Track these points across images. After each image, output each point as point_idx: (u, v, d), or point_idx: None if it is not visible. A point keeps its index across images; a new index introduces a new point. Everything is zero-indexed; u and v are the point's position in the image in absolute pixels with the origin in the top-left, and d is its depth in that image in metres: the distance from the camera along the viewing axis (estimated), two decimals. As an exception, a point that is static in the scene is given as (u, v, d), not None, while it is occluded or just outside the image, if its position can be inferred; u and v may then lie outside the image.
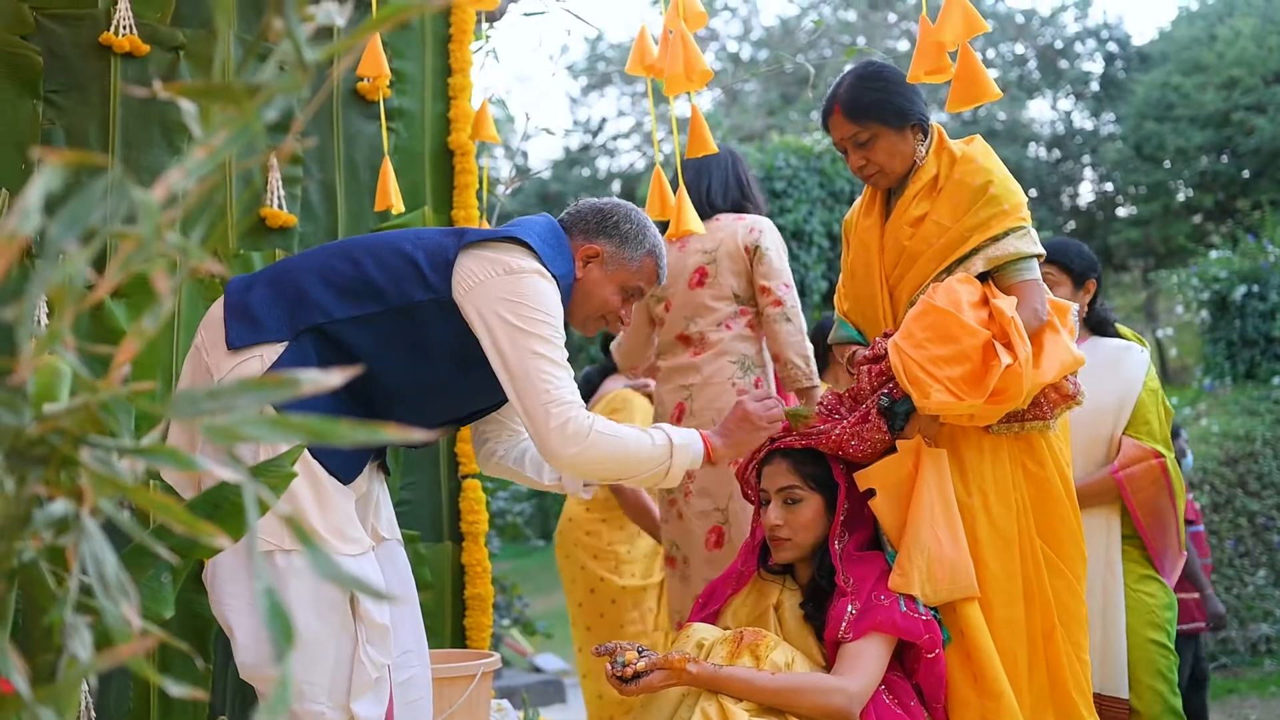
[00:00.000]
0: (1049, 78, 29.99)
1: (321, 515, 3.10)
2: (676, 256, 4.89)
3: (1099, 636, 4.20)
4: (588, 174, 29.98)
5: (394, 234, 3.42)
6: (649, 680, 3.25)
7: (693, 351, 4.83)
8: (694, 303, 4.83)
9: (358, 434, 1.21)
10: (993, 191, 3.68)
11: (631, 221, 3.55)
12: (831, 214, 12.48)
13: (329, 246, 3.49)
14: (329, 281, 3.24)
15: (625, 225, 3.54)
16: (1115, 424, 4.45)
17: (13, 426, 1.23)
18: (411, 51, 4.99)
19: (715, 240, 4.84)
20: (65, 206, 1.15)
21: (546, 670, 10.20)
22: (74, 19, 4.26)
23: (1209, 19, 25.77)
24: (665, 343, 4.95)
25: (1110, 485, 4.36)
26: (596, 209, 3.57)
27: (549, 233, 3.43)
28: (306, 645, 3.04)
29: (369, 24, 1.23)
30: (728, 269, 4.80)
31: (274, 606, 1.15)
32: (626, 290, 3.55)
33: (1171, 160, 24.45)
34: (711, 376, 4.76)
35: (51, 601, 1.38)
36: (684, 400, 4.80)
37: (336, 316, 3.19)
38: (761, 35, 31.41)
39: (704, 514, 4.75)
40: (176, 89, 1.20)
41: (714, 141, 4.28)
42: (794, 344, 4.71)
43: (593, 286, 3.51)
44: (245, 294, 3.27)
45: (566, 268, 3.42)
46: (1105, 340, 4.63)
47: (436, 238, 3.33)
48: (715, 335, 4.79)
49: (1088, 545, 3.91)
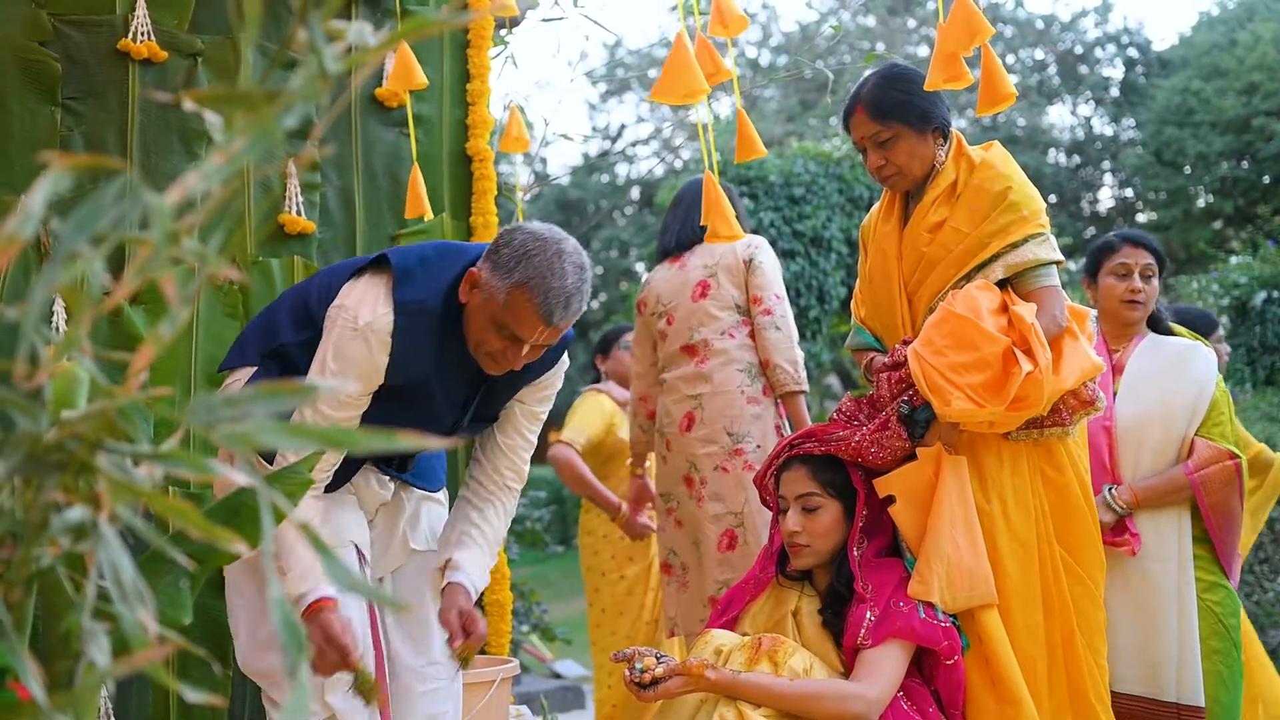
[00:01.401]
0: (1069, 83, 29.92)
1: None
2: (677, 274, 5.03)
3: (1174, 646, 4.18)
4: (606, 180, 29.98)
5: (359, 258, 3.45)
6: (667, 686, 3.25)
7: (698, 360, 4.90)
8: (698, 313, 4.93)
9: (373, 441, 1.21)
10: (1012, 198, 3.67)
11: (512, 247, 3.10)
12: (850, 220, 12.46)
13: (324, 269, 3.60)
14: (291, 305, 3.34)
15: (504, 250, 3.10)
16: (1189, 424, 4.41)
17: (30, 432, 1.23)
18: (430, 58, 4.99)
19: (715, 255, 4.96)
20: (76, 209, 1.15)
21: (566, 676, 10.18)
22: (92, 25, 4.27)
23: (1229, 24, 25.69)
24: (669, 356, 5.03)
25: (1183, 485, 4.32)
26: (501, 233, 3.19)
27: (441, 257, 3.25)
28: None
29: (393, 37, 1.23)
30: (728, 280, 4.93)
31: (287, 616, 1.15)
32: (499, 325, 3.11)
33: (1192, 166, 24.37)
34: (721, 385, 4.83)
35: (69, 608, 1.38)
36: (693, 410, 4.87)
37: (286, 340, 3.27)
38: (781, 41, 31.38)
39: (717, 517, 4.79)
40: (197, 96, 1.20)
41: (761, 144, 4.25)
42: (782, 350, 4.83)
43: (470, 317, 3.18)
44: (253, 319, 3.46)
45: (431, 292, 3.17)
46: (1168, 339, 4.59)
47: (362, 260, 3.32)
48: (720, 344, 4.88)
49: (1160, 547, 3.95)
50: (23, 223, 1.09)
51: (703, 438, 4.82)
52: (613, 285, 25.88)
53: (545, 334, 3.13)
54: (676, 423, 4.91)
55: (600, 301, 26.51)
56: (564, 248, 3.11)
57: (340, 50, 1.16)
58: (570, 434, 6.05)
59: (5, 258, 1.11)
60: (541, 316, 3.07)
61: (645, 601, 6.12)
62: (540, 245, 3.08)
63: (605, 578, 6.18)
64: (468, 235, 5.01)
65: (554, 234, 3.14)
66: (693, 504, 4.84)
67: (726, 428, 4.75)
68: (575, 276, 3.11)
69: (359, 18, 4.64)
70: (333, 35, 1.18)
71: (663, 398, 5.02)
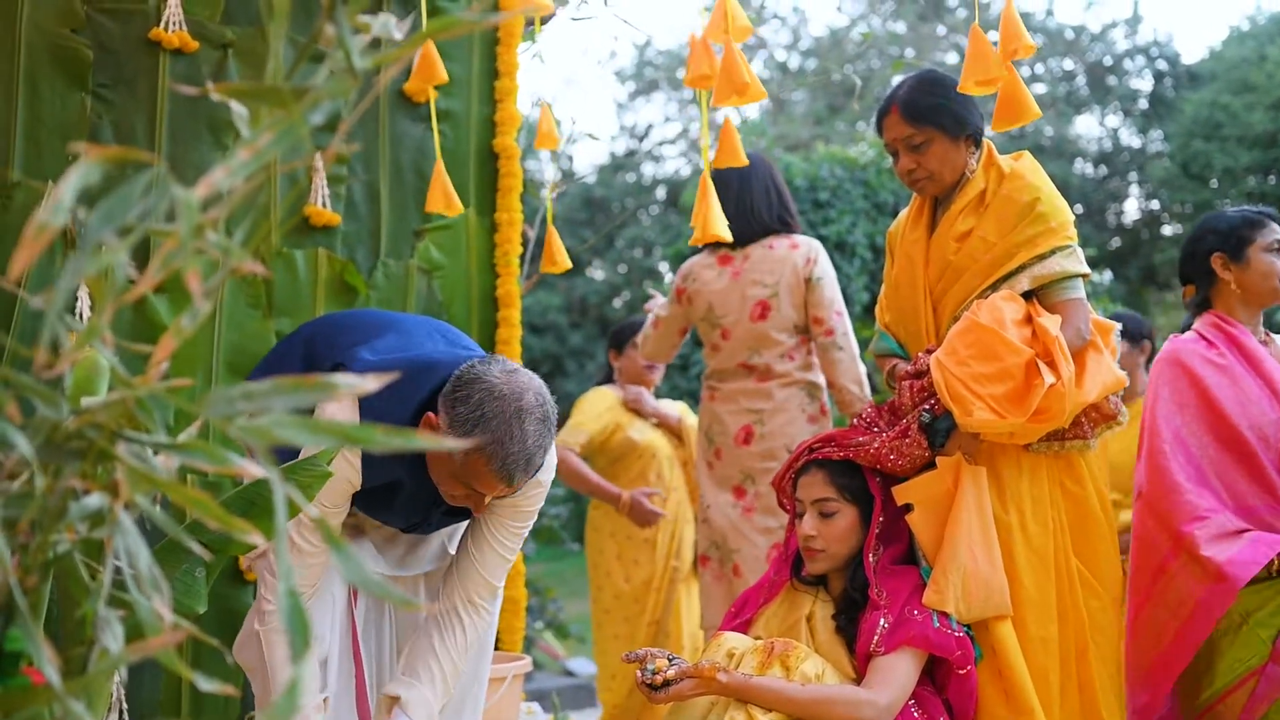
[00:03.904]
0: (1097, 94, 29.83)
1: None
2: (731, 283, 4.97)
3: None
4: (633, 179, 29.96)
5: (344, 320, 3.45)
6: (679, 688, 3.25)
7: (757, 379, 4.92)
8: (757, 334, 4.91)
9: (391, 439, 1.21)
10: (1040, 209, 3.67)
11: (469, 405, 2.96)
12: (875, 226, 12.44)
13: (337, 314, 3.65)
14: (309, 351, 3.33)
15: (460, 408, 2.96)
16: None
17: (50, 419, 1.24)
18: (458, 54, 4.99)
19: (775, 274, 4.91)
20: (104, 200, 1.16)
21: (579, 674, 10.17)
22: (124, 14, 4.28)
23: (1259, 39, 25.58)
24: (725, 368, 5.01)
25: None
26: (458, 376, 3.04)
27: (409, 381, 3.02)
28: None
29: (419, 35, 1.24)
30: (788, 302, 4.90)
31: (294, 607, 1.15)
32: (458, 479, 3.03)
33: (1218, 179, 24.27)
34: (784, 404, 4.86)
35: (85, 594, 1.38)
36: (752, 424, 4.88)
37: None
38: (810, 45, 31.33)
39: (767, 530, 4.83)
40: (225, 89, 1.20)
41: (744, 153, 4.22)
42: (847, 371, 4.83)
43: (430, 461, 3.10)
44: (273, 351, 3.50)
45: (395, 420, 3.03)
46: None
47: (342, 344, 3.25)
48: (781, 366, 4.89)
49: None
50: (53, 212, 1.09)
51: (762, 452, 4.84)
52: (636, 285, 25.85)
53: (508, 491, 3.08)
54: (732, 434, 4.92)
55: (624, 300, 26.48)
56: (524, 404, 2.99)
57: (367, 45, 1.16)
58: (565, 436, 6.01)
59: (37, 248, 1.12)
60: (501, 479, 2.99)
61: (647, 604, 6.09)
62: (498, 405, 2.95)
63: (610, 577, 6.16)
64: (492, 231, 5.00)
65: (514, 388, 3.00)
66: (735, 513, 4.87)
67: (787, 445, 4.76)
68: (536, 434, 3.01)
69: (389, 13, 4.64)
70: (360, 30, 1.18)
71: (714, 404, 5.02)
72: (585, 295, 25.98)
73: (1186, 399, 3.76)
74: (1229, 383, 3.74)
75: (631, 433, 6.10)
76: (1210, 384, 3.74)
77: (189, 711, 4.11)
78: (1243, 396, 3.72)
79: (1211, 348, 3.82)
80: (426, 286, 4.76)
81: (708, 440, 5.03)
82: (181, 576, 2.04)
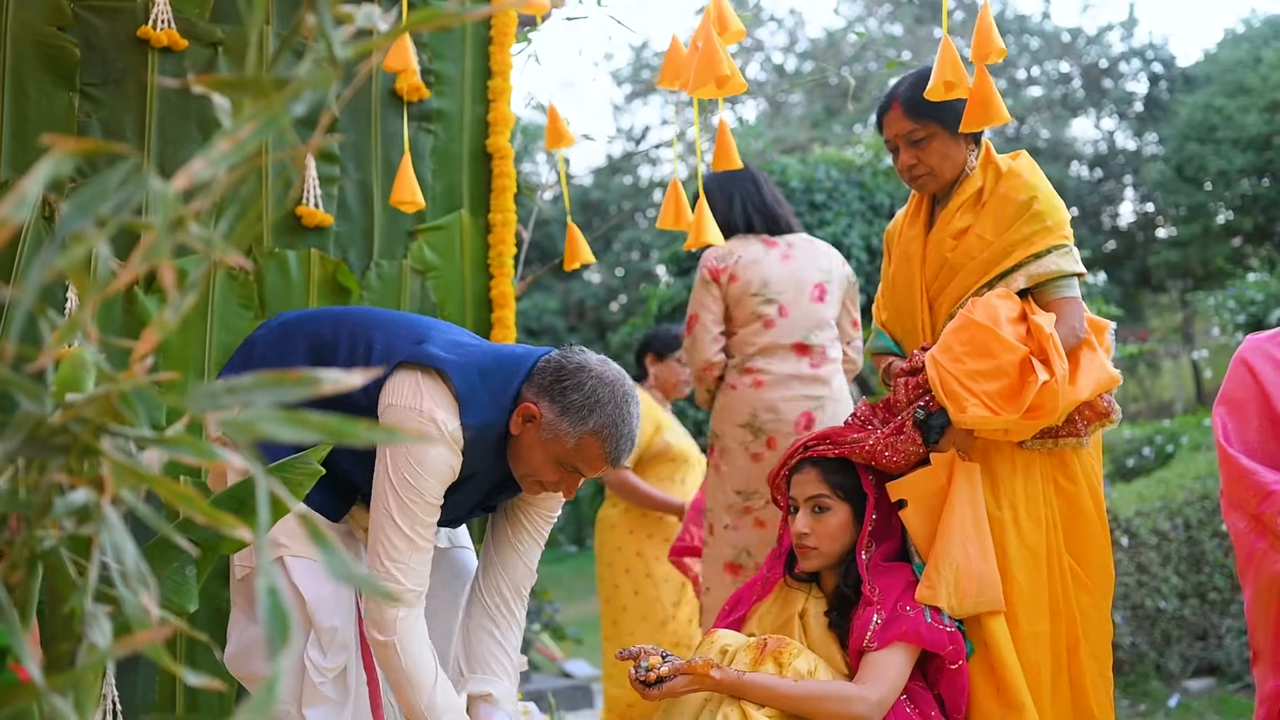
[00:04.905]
0: (1093, 97, 29.91)
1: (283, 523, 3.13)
2: (782, 263, 4.87)
3: None
4: (629, 182, 29.99)
5: (382, 317, 3.42)
6: (672, 685, 3.25)
7: (811, 363, 4.79)
8: (816, 316, 4.83)
9: (375, 434, 1.21)
10: (1037, 208, 3.67)
11: (582, 392, 3.11)
12: (871, 227, 12.45)
13: (341, 310, 3.59)
14: (311, 344, 3.30)
15: (573, 395, 3.11)
16: None
17: (34, 414, 1.24)
18: (451, 53, 4.98)
19: (826, 264, 4.91)
20: (78, 192, 1.15)
21: (576, 676, 10.18)
22: (112, 11, 4.26)
23: (1254, 42, 25.67)
24: (778, 346, 4.82)
25: None
26: (558, 366, 3.18)
27: (498, 371, 3.19)
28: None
29: (403, 24, 1.23)
30: (837, 293, 4.90)
31: (275, 605, 1.15)
32: (562, 464, 3.16)
33: (1213, 182, 24.36)
34: (838, 392, 4.79)
35: (72, 590, 1.38)
36: (813, 410, 4.73)
37: None
38: (807, 47, 31.39)
39: None
40: (206, 81, 1.20)
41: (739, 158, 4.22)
42: (851, 375, 4.98)
43: (524, 449, 3.17)
44: (262, 332, 3.41)
45: (492, 417, 3.16)
46: None
47: (401, 337, 3.26)
48: (833, 352, 4.84)
49: None
50: (17, 206, 1.09)
51: None
52: (633, 288, 25.87)
53: (606, 472, 3.26)
54: (790, 420, 4.73)
55: (620, 304, 26.51)
56: (628, 391, 3.19)
57: (349, 36, 1.16)
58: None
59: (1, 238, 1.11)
60: (609, 459, 3.15)
61: (664, 602, 6.10)
62: (610, 392, 3.13)
63: (629, 574, 6.15)
64: (486, 232, 5.00)
65: (615, 373, 3.20)
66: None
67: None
68: (636, 417, 3.20)
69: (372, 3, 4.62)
70: (342, 20, 1.18)
71: (763, 391, 4.79)
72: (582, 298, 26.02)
73: (1246, 395, 3.78)
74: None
75: (667, 435, 6.12)
76: (1265, 379, 3.76)
77: (184, 708, 4.10)
78: None
79: (1277, 340, 3.84)
80: (420, 287, 4.74)
81: (753, 432, 4.77)
82: (172, 575, 2.03)
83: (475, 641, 3.45)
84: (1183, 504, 8.06)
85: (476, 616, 3.48)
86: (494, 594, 3.48)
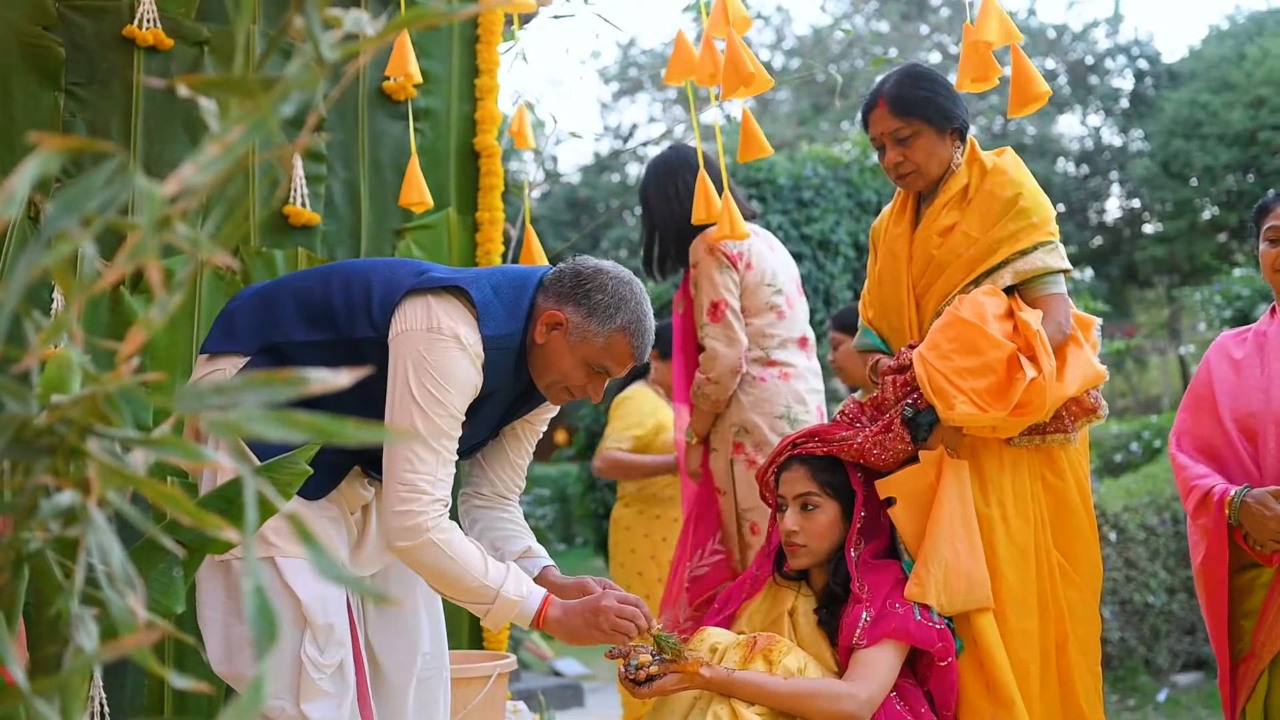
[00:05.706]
0: (1079, 93, 29.92)
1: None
2: (777, 254, 4.85)
3: None
4: (618, 180, 29.96)
5: (375, 262, 3.42)
6: (662, 683, 3.25)
7: (808, 355, 4.79)
8: (805, 309, 4.84)
9: (363, 433, 1.20)
10: (1023, 204, 3.68)
11: (606, 292, 3.18)
12: (858, 224, 12.44)
13: (324, 266, 3.52)
14: (300, 301, 3.24)
15: (598, 296, 3.18)
16: None
17: (18, 415, 1.23)
18: (438, 51, 4.98)
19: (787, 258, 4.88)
20: (63, 191, 1.15)
21: (566, 675, 10.17)
22: (97, 11, 4.24)
23: (1239, 38, 25.71)
24: (789, 339, 4.76)
25: None
26: (576, 272, 3.23)
27: (509, 287, 3.21)
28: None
29: (393, 25, 1.23)
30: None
31: (261, 606, 1.14)
32: (591, 366, 3.21)
33: (1198, 178, 24.39)
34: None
35: (58, 593, 1.37)
36: (821, 405, 4.76)
37: (294, 338, 3.17)
38: (794, 44, 31.38)
39: None
40: (192, 81, 1.19)
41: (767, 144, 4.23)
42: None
43: (552, 356, 3.20)
44: (238, 302, 3.31)
45: (513, 327, 3.18)
46: None
47: (401, 273, 3.24)
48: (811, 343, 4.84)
49: None
50: (6, 203, 1.08)
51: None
52: (620, 285, 25.82)
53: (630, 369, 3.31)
54: (813, 414, 4.68)
55: (608, 301, 26.49)
56: (642, 288, 3.29)
57: (338, 38, 1.15)
58: (613, 442, 6.02)
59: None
60: (636, 355, 3.24)
61: None
62: (630, 289, 3.22)
63: (641, 578, 6.11)
64: (473, 230, 5.00)
65: (630, 275, 3.29)
66: None
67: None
68: (652, 313, 3.30)
69: (366, 6, 4.62)
70: (330, 23, 1.17)
71: (790, 384, 4.70)
72: (570, 295, 25.95)
73: (1203, 391, 3.87)
74: (1234, 375, 3.78)
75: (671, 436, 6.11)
76: (1217, 377, 3.80)
77: (172, 711, 4.09)
78: (1239, 389, 3.76)
79: (1240, 338, 3.86)
80: (408, 285, 4.73)
81: (790, 423, 4.62)
82: (159, 576, 2.03)
83: (488, 529, 3.50)
84: (1170, 499, 8.08)
85: (479, 515, 3.54)
86: (496, 497, 3.55)
